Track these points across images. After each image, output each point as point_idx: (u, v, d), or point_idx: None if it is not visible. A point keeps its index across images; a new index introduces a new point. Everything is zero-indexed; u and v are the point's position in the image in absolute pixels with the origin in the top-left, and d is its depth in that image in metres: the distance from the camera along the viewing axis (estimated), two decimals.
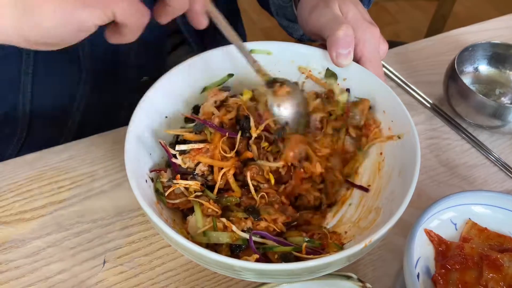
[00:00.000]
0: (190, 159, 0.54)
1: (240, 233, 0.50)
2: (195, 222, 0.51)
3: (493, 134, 0.74)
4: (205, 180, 0.55)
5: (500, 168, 0.70)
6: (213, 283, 0.55)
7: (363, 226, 0.52)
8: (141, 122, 0.54)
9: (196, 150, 0.54)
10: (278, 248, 0.50)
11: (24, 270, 0.54)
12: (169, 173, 0.55)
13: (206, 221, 0.51)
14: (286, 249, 0.50)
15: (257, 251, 0.49)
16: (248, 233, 0.50)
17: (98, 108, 0.78)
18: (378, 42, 0.60)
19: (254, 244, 0.49)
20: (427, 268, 0.53)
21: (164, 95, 0.57)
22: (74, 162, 0.65)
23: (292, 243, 0.51)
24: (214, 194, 0.54)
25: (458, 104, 0.73)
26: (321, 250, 0.51)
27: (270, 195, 0.55)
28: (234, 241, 0.50)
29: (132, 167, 0.48)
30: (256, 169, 0.55)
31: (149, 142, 0.55)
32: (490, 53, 0.78)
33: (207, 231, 0.50)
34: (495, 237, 0.56)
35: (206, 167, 0.54)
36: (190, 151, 0.54)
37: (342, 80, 0.61)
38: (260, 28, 2.32)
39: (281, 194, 0.56)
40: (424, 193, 0.65)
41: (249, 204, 0.54)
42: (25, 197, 0.61)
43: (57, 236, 0.58)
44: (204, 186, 0.55)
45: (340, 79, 0.61)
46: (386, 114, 0.57)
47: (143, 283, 0.54)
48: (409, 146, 0.52)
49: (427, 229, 0.55)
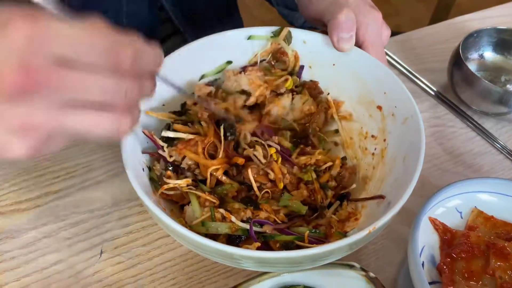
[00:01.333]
0: (176, 152, 0.52)
1: (239, 223, 0.48)
2: (192, 212, 0.50)
3: (499, 121, 0.72)
4: (194, 175, 0.53)
5: (506, 156, 0.68)
6: (212, 273, 0.54)
7: (367, 213, 0.51)
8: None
9: (183, 143, 0.52)
10: (280, 237, 0.48)
11: (19, 261, 0.53)
12: (162, 164, 0.53)
13: (204, 211, 0.50)
14: (288, 238, 0.48)
15: (257, 240, 0.47)
16: (248, 223, 0.48)
17: None
18: (380, 27, 0.58)
19: (254, 234, 0.48)
20: (432, 257, 0.52)
21: (161, 83, 0.56)
22: (70, 152, 0.64)
23: (294, 233, 0.49)
24: (208, 187, 0.52)
25: (463, 91, 0.71)
26: (324, 240, 0.50)
27: (273, 192, 0.53)
28: (234, 231, 0.48)
29: (128, 157, 0.47)
30: (256, 169, 0.52)
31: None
32: (495, 39, 0.77)
33: (206, 222, 0.48)
34: (502, 225, 0.54)
35: (193, 162, 0.52)
36: (177, 144, 0.52)
37: (331, 65, 0.60)
38: (261, 21, 2.30)
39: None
40: (428, 181, 0.64)
41: (246, 196, 0.52)
42: (21, 187, 0.60)
43: (53, 226, 0.56)
44: (196, 182, 0.53)
45: (329, 64, 0.60)
46: (388, 96, 0.55)
47: (141, 274, 0.53)
48: (413, 130, 0.50)
49: (432, 218, 0.53)
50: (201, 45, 0.58)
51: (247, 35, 0.60)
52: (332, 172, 0.55)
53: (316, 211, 0.53)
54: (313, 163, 0.55)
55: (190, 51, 0.58)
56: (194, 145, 0.52)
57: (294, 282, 0.49)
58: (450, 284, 0.49)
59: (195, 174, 0.53)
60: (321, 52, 0.60)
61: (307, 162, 0.55)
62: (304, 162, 0.55)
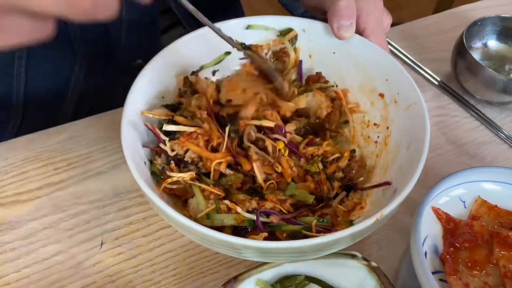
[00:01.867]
0: (179, 145, 0.51)
1: (245, 214, 0.48)
2: (196, 205, 0.49)
3: (503, 110, 0.72)
4: (197, 168, 0.52)
5: (510, 146, 0.67)
6: (213, 264, 0.53)
7: (372, 202, 0.50)
8: (137, 102, 0.51)
9: (185, 136, 0.51)
10: (287, 227, 0.48)
11: (20, 251, 0.53)
12: (163, 158, 0.52)
13: (208, 204, 0.49)
14: (295, 228, 0.48)
15: (264, 230, 0.47)
16: (254, 213, 0.48)
17: (93, 92, 0.77)
18: (381, 14, 0.58)
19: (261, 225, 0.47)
20: (434, 247, 0.51)
21: (160, 75, 0.55)
22: (71, 143, 0.63)
23: (301, 222, 0.49)
24: (211, 180, 0.51)
25: (467, 80, 0.70)
26: (331, 229, 0.49)
27: (279, 183, 0.52)
28: (240, 223, 0.48)
29: (129, 149, 0.46)
30: (261, 161, 0.51)
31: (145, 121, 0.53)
32: (499, 28, 0.76)
33: (211, 214, 0.48)
34: (506, 214, 0.54)
35: (196, 155, 0.51)
36: (179, 137, 0.51)
37: (331, 53, 0.59)
38: (256, 11, 2.29)
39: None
40: (432, 171, 0.63)
41: (251, 187, 0.52)
42: (21, 179, 0.60)
43: (53, 217, 0.56)
44: (199, 175, 0.52)
45: (329, 53, 0.59)
46: (390, 83, 0.55)
47: (141, 264, 0.53)
48: (417, 116, 0.50)
49: (435, 207, 0.53)
50: (198, 35, 0.58)
51: (245, 25, 0.59)
52: (340, 163, 0.54)
53: (322, 201, 0.53)
54: (320, 154, 0.54)
55: (187, 42, 0.57)
56: (196, 138, 0.51)
57: (295, 272, 0.48)
58: (453, 273, 0.49)
59: (198, 167, 0.52)
60: (321, 40, 0.59)
61: (315, 153, 0.54)
62: (312, 153, 0.54)
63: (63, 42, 0.70)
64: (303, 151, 0.54)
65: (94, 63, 0.75)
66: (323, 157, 0.54)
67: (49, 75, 0.74)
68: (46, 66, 0.72)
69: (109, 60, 0.76)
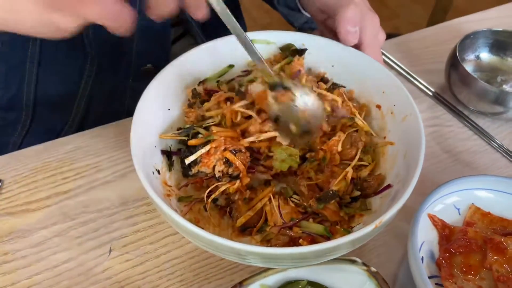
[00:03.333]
0: (205, 167, 0.53)
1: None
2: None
3: (495, 121, 0.74)
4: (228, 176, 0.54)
5: (502, 155, 0.70)
6: (217, 270, 0.55)
7: (372, 208, 0.52)
8: (145, 114, 0.53)
9: (205, 155, 0.53)
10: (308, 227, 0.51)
11: (30, 259, 0.55)
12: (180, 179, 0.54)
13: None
14: (318, 228, 0.51)
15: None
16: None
17: (102, 95, 0.78)
18: (377, 30, 0.60)
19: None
20: (431, 252, 0.54)
21: (167, 87, 0.58)
22: (78, 153, 0.65)
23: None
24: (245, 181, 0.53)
25: (460, 92, 0.73)
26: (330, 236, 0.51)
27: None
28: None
29: (139, 159, 0.48)
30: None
31: (153, 134, 0.55)
32: (491, 41, 0.78)
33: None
34: (499, 221, 0.56)
35: (223, 166, 0.53)
36: (201, 160, 0.53)
37: (331, 66, 0.62)
38: (260, 25, 2.32)
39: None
40: (427, 179, 0.65)
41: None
42: (30, 188, 0.61)
43: (62, 226, 0.58)
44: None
45: (328, 66, 0.62)
46: (386, 95, 0.57)
47: (149, 271, 0.55)
48: (413, 126, 0.52)
49: (431, 214, 0.55)
50: (203, 50, 0.60)
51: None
52: (362, 173, 0.56)
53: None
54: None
55: (192, 56, 0.59)
56: (214, 153, 0.53)
57: (298, 277, 0.50)
58: (448, 278, 0.51)
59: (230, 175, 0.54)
60: (320, 54, 0.62)
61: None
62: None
63: (75, 43, 0.71)
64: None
65: (105, 66, 0.76)
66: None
67: (60, 76, 0.75)
68: (58, 66, 0.74)
69: (119, 62, 0.78)
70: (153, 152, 0.54)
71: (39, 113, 0.76)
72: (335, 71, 0.63)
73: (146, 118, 0.53)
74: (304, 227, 0.51)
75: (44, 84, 0.73)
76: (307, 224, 0.51)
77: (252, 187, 0.55)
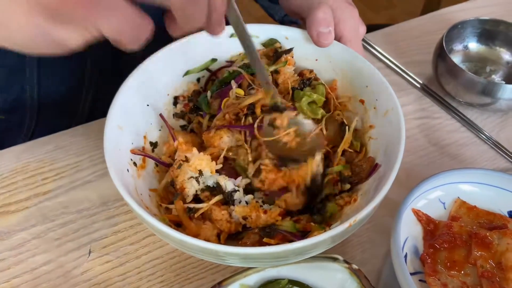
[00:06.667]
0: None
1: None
2: None
3: (484, 112, 0.73)
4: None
5: (490, 146, 0.69)
6: (199, 270, 0.54)
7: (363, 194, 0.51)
8: (121, 110, 0.53)
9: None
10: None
11: (9, 262, 0.54)
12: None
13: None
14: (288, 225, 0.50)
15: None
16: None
17: (107, 96, 0.77)
18: (357, 23, 0.59)
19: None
20: (415, 248, 0.53)
21: (146, 81, 0.57)
22: (59, 153, 0.64)
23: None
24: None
25: (448, 83, 0.72)
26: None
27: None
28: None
29: (112, 157, 0.48)
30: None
31: (130, 130, 0.54)
32: (479, 30, 0.77)
33: None
34: (485, 215, 0.55)
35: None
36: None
37: (314, 60, 0.61)
38: (255, 18, 2.30)
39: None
40: (414, 173, 0.64)
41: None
42: (10, 190, 0.60)
43: (41, 227, 0.57)
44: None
45: (312, 59, 0.61)
46: (369, 90, 0.56)
47: (129, 272, 0.54)
48: (394, 122, 0.51)
49: (415, 209, 0.54)
50: (185, 43, 0.59)
51: (229, 34, 0.61)
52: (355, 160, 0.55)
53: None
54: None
55: (174, 49, 0.58)
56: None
57: (279, 276, 0.49)
58: (432, 274, 0.50)
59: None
60: (304, 47, 0.61)
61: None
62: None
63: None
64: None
65: (108, 67, 0.75)
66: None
67: (62, 79, 0.74)
68: (58, 69, 0.73)
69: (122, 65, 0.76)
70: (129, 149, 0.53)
71: (43, 115, 0.75)
72: (319, 64, 0.61)
73: (121, 114, 0.52)
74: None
75: (46, 87, 0.72)
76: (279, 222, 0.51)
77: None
